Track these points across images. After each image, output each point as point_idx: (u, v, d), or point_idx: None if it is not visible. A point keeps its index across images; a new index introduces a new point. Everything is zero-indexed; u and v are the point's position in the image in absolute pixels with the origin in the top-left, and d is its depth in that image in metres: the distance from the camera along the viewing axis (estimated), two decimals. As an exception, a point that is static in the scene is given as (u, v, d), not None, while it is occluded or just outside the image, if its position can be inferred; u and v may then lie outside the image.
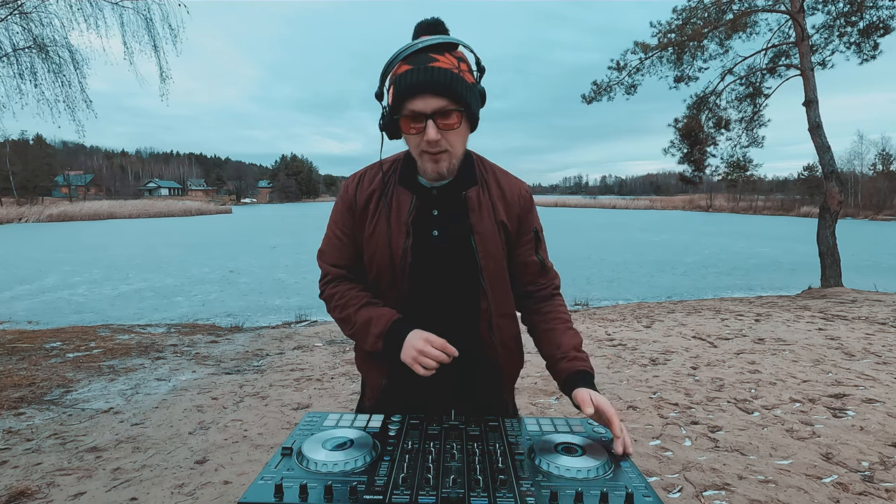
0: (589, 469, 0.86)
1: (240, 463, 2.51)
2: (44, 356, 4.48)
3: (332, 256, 1.19)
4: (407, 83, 0.96)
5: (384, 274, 1.12)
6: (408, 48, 0.98)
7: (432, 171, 1.05)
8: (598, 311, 7.38)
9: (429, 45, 0.97)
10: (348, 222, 1.16)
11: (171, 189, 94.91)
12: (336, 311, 1.16)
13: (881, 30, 9.35)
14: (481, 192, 1.12)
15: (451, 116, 0.99)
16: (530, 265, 1.18)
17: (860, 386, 3.44)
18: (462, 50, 1.03)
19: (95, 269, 13.11)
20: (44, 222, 36.40)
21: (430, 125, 0.98)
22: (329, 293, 1.18)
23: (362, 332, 1.11)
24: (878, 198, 47.19)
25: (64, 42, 6.79)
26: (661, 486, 2.23)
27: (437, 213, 1.11)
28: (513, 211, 1.15)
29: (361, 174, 1.18)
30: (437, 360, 1.03)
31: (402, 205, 1.11)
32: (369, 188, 1.14)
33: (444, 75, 0.96)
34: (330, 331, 5.96)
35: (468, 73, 1.01)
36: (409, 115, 0.99)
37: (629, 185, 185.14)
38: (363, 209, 1.13)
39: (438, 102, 0.97)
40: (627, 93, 10.99)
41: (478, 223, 1.10)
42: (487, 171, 1.16)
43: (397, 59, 0.98)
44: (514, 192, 1.16)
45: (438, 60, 0.97)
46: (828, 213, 9.14)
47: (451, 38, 1.00)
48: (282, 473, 0.84)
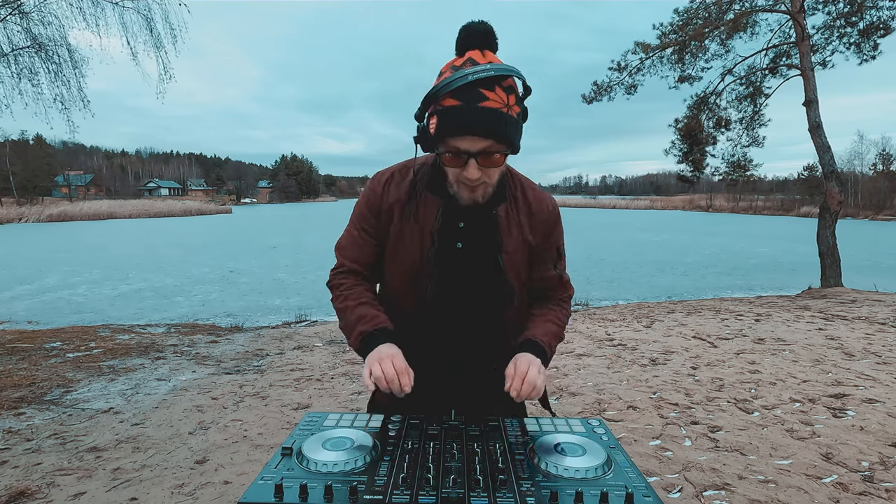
0: (589, 469, 0.86)
1: (240, 463, 2.51)
2: (44, 356, 4.48)
3: (349, 252, 1.18)
4: (454, 121, 0.93)
5: (406, 278, 1.12)
6: (457, 79, 0.91)
7: (468, 198, 1.04)
8: (598, 311, 7.38)
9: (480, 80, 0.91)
10: (371, 223, 1.14)
11: (171, 189, 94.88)
12: (338, 300, 1.17)
13: (881, 30, 9.36)
14: (510, 209, 1.11)
15: (495, 156, 0.97)
16: (550, 280, 1.19)
17: (860, 386, 3.44)
18: (513, 78, 0.97)
19: (95, 269, 13.11)
20: (44, 222, 36.40)
21: (472, 164, 0.96)
22: (337, 282, 1.18)
23: (351, 326, 1.11)
24: (878, 198, 47.19)
25: (63, 41, 6.79)
26: (661, 486, 2.23)
27: (463, 225, 1.09)
28: (539, 228, 1.14)
29: (389, 177, 1.15)
30: (387, 380, 0.99)
31: (428, 211, 1.09)
32: (398, 190, 1.12)
33: (493, 117, 0.92)
34: (330, 331, 5.96)
35: (515, 106, 0.96)
36: (452, 150, 0.96)
37: (629, 185, 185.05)
38: (388, 212, 1.12)
39: (484, 144, 0.94)
40: (628, 93, 10.99)
41: (507, 242, 1.10)
42: (516, 186, 1.15)
43: (445, 88, 0.92)
44: (542, 208, 1.15)
45: (489, 99, 0.92)
46: (828, 213, 9.14)
47: (501, 68, 0.93)
48: (282, 473, 0.84)
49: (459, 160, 0.97)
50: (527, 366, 1.01)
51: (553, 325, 1.15)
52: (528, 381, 0.99)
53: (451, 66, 0.97)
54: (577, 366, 4.15)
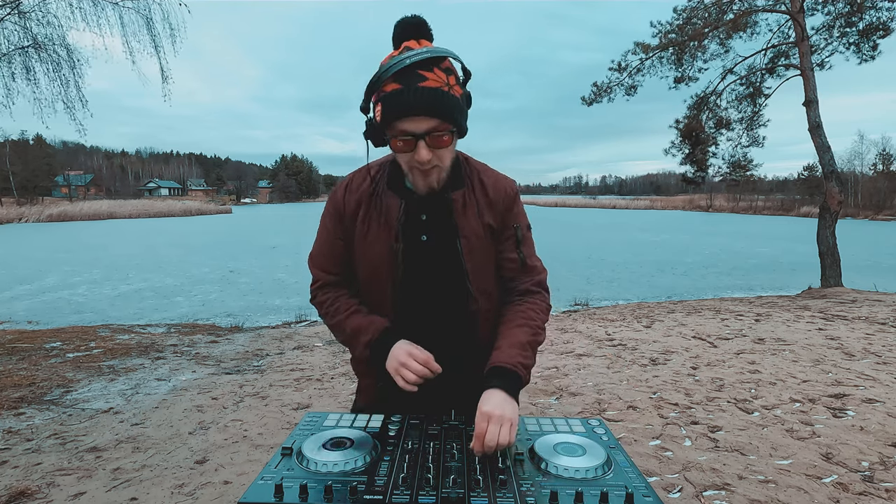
0: (589, 469, 0.86)
1: (240, 463, 2.51)
2: (44, 356, 4.48)
3: (322, 261, 1.19)
4: (396, 104, 0.95)
5: (376, 278, 1.13)
6: (394, 64, 0.95)
7: (423, 185, 1.06)
8: (598, 311, 7.38)
9: (417, 62, 0.95)
10: (338, 228, 1.16)
11: (171, 189, 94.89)
12: (327, 317, 1.18)
13: (881, 31, 9.36)
14: (467, 194, 1.12)
15: (442, 136, 0.99)
16: (510, 261, 1.16)
17: (860, 386, 3.44)
18: (449, 60, 1.01)
19: (95, 269, 13.11)
20: (44, 222, 36.40)
21: (421, 146, 0.98)
22: (320, 299, 1.19)
23: (352, 340, 1.13)
24: (878, 198, 47.17)
25: (61, 41, 6.79)
26: (661, 486, 2.23)
27: (425, 217, 1.11)
28: (497, 209, 1.14)
29: (349, 179, 1.17)
30: (419, 375, 1.03)
31: (391, 210, 1.10)
32: (357, 193, 1.14)
33: (435, 96, 0.95)
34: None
35: (457, 86, 0.99)
36: (399, 134, 0.98)
37: (629, 185, 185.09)
38: (353, 214, 1.13)
39: (429, 123, 0.96)
40: (627, 94, 10.99)
41: (463, 225, 1.10)
42: (473, 172, 1.16)
43: (384, 75, 0.96)
44: (498, 190, 1.15)
45: (428, 79, 0.95)
46: (828, 213, 9.14)
47: (437, 50, 0.97)
48: (282, 473, 0.84)
49: (409, 144, 0.99)
50: (485, 424, 0.91)
51: (524, 331, 1.08)
52: (486, 444, 0.90)
53: (389, 57, 1.00)
54: (577, 366, 4.15)
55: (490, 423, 0.92)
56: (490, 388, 0.99)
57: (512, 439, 0.92)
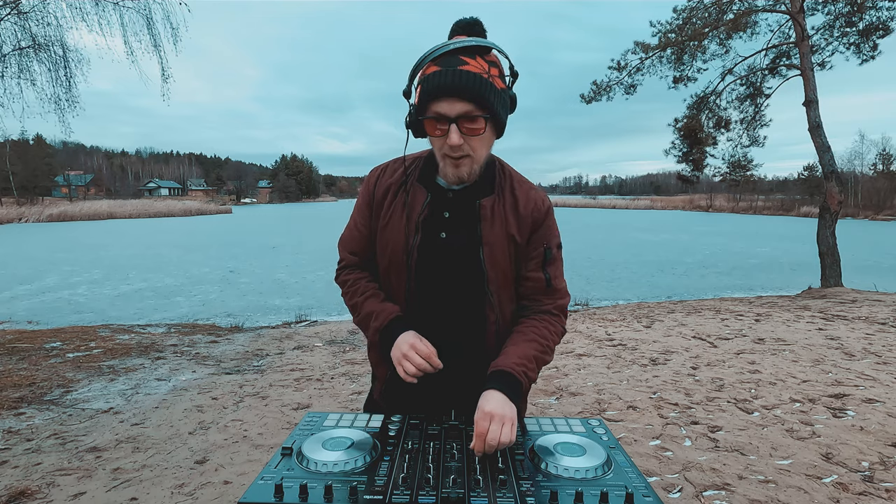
0: (589, 469, 0.86)
1: (240, 463, 2.51)
2: (44, 356, 4.48)
3: (349, 244, 1.22)
4: (434, 84, 0.95)
5: (393, 267, 1.14)
6: (438, 48, 0.96)
7: (453, 175, 1.05)
8: (598, 311, 7.38)
9: (460, 48, 0.96)
10: (366, 213, 1.18)
11: (171, 189, 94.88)
12: (347, 297, 1.21)
13: (881, 30, 9.36)
14: (496, 202, 1.10)
15: (476, 122, 0.98)
16: (534, 280, 1.13)
17: (860, 386, 3.44)
18: (495, 54, 1.01)
19: (95, 269, 13.11)
20: (44, 222, 36.38)
21: (453, 129, 0.97)
22: (343, 279, 1.22)
23: (365, 323, 1.16)
24: (878, 198, 47.18)
25: (60, 41, 6.78)
26: (661, 486, 2.23)
27: (448, 215, 1.10)
28: (525, 224, 1.11)
29: (384, 167, 1.19)
30: (420, 368, 1.03)
31: (416, 202, 1.11)
32: (388, 181, 1.15)
33: (472, 79, 0.94)
34: (330, 331, 5.96)
35: (498, 79, 0.99)
36: (433, 116, 0.98)
37: (629, 185, 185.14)
38: (380, 201, 1.15)
39: (464, 107, 0.96)
40: (627, 92, 10.99)
41: (488, 234, 1.09)
42: (506, 180, 1.14)
43: (427, 58, 0.97)
44: (528, 205, 1.12)
45: (468, 64, 0.95)
46: (828, 213, 9.14)
47: (484, 41, 0.97)
48: (282, 473, 0.84)
49: (442, 126, 0.99)
50: (486, 423, 0.92)
51: (534, 346, 1.07)
52: (487, 443, 0.90)
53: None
54: (577, 366, 4.15)
55: (492, 423, 0.92)
56: (490, 390, 0.99)
57: (513, 438, 0.92)
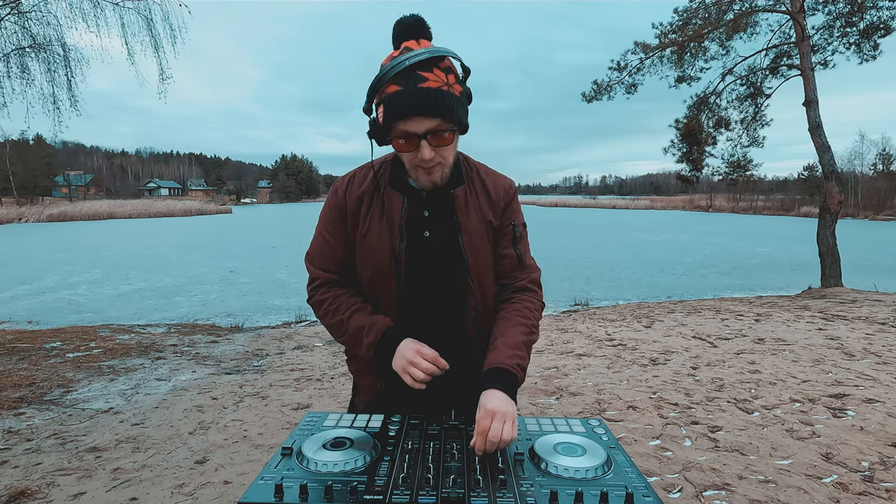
0: (589, 469, 0.86)
1: (240, 463, 2.51)
2: (44, 356, 4.48)
3: (321, 260, 1.18)
4: (398, 105, 0.96)
5: (378, 275, 1.13)
6: (394, 66, 0.96)
7: (426, 181, 1.07)
8: (598, 311, 7.38)
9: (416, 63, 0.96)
10: (338, 225, 1.15)
11: (171, 189, 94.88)
12: (327, 316, 1.16)
13: (881, 30, 9.35)
14: (468, 192, 1.14)
15: (445, 135, 1.00)
16: (507, 257, 1.18)
17: (860, 386, 3.44)
18: (448, 59, 1.02)
19: (95, 269, 13.10)
20: (44, 222, 36.38)
21: (424, 145, 0.99)
22: (319, 298, 1.17)
23: (354, 339, 1.12)
24: (878, 198, 47.17)
25: (60, 41, 6.78)
26: (661, 486, 2.23)
27: (427, 213, 1.12)
28: (497, 207, 1.16)
29: (351, 176, 1.18)
30: (428, 373, 1.04)
31: (393, 207, 1.11)
32: (359, 190, 1.14)
33: (435, 96, 0.95)
34: (330, 331, 5.95)
35: (456, 85, 1.00)
36: (401, 135, 0.99)
37: (629, 185, 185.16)
38: (354, 211, 1.14)
39: (431, 123, 0.98)
40: (628, 92, 10.99)
41: (465, 222, 1.12)
42: (472, 170, 1.18)
43: (385, 77, 0.97)
44: (498, 188, 1.17)
45: (427, 80, 0.96)
46: (828, 213, 9.14)
47: (436, 50, 0.98)
48: (282, 473, 0.84)
49: (411, 143, 1.00)
50: (489, 420, 0.93)
51: (520, 330, 1.10)
52: (489, 440, 0.91)
53: (389, 57, 1.01)
54: (577, 366, 4.15)
55: (494, 420, 0.93)
56: (489, 388, 1.00)
57: (514, 435, 0.93)
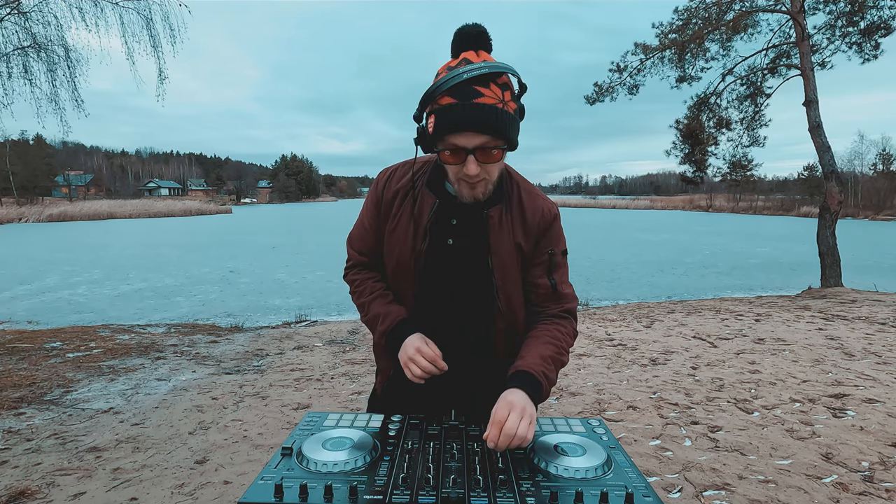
0: (589, 469, 0.86)
1: (240, 463, 2.51)
2: (44, 356, 4.48)
3: (357, 243, 1.24)
4: (451, 119, 0.94)
5: (400, 270, 1.15)
6: (452, 78, 0.93)
7: (468, 195, 1.05)
8: (598, 311, 7.38)
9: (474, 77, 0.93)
10: (374, 213, 1.19)
11: (171, 189, 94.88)
12: (354, 296, 1.23)
13: (882, 30, 9.35)
14: (503, 212, 1.11)
15: (494, 152, 0.98)
16: (541, 287, 1.14)
17: (860, 386, 3.44)
18: (507, 75, 0.99)
19: (95, 269, 13.10)
20: (44, 222, 36.37)
21: (470, 160, 0.97)
22: (351, 278, 1.25)
23: (372, 325, 1.19)
24: (878, 198, 47.18)
25: (60, 41, 6.78)
26: (661, 486, 2.23)
27: (455, 222, 1.11)
28: (531, 233, 1.13)
29: (393, 170, 1.20)
30: (425, 370, 1.05)
31: (424, 207, 1.11)
32: (397, 185, 1.16)
33: (490, 113, 0.93)
34: (330, 331, 5.96)
35: (511, 102, 0.98)
36: (450, 147, 0.98)
37: (629, 185, 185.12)
38: (388, 205, 1.16)
39: (481, 139, 0.96)
40: (630, 93, 10.98)
41: (496, 244, 1.09)
42: (513, 188, 1.14)
43: (441, 88, 0.94)
44: (535, 214, 1.13)
45: (484, 95, 0.94)
46: (828, 213, 9.14)
47: (496, 65, 0.95)
48: (282, 473, 0.84)
49: (459, 157, 0.99)
50: (507, 411, 0.90)
51: (550, 347, 1.07)
52: (505, 431, 0.88)
53: (447, 67, 0.99)
54: (577, 366, 4.15)
55: (511, 412, 0.90)
56: (512, 388, 0.97)
57: (530, 436, 0.90)
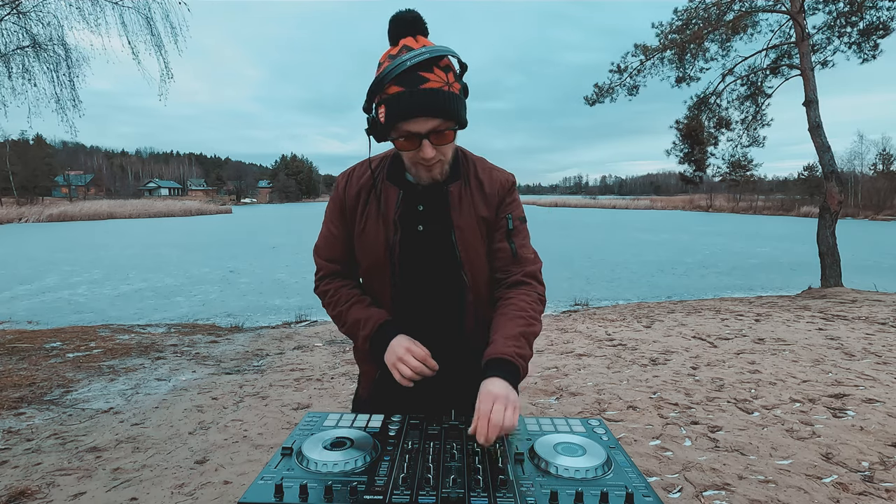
0: (589, 469, 0.86)
1: (240, 463, 2.51)
2: (44, 356, 4.48)
3: (326, 251, 1.22)
4: (401, 107, 0.97)
5: (375, 269, 1.15)
6: (395, 67, 0.96)
7: (426, 177, 1.09)
8: (598, 311, 7.38)
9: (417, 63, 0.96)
10: (339, 219, 1.19)
11: (171, 189, 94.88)
12: (329, 307, 1.21)
13: (881, 30, 9.35)
14: (462, 187, 1.14)
15: (446, 134, 1.01)
16: (501, 251, 1.16)
17: (860, 386, 3.44)
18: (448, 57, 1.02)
19: (95, 269, 13.10)
20: (44, 222, 36.37)
21: (426, 144, 1.00)
22: (323, 289, 1.22)
23: (352, 332, 1.16)
24: (878, 198, 47.15)
25: (60, 41, 6.77)
26: (661, 486, 2.23)
27: (422, 208, 1.13)
28: (491, 202, 1.16)
29: (350, 171, 1.21)
30: (416, 371, 1.05)
31: (389, 200, 1.13)
32: (358, 185, 1.17)
33: (437, 97, 0.97)
34: (330, 331, 5.96)
35: (455, 83, 1.01)
36: (403, 135, 1.01)
37: (629, 185, 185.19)
38: (353, 206, 1.17)
39: (433, 123, 0.99)
40: (630, 93, 10.98)
41: (458, 218, 1.12)
42: (469, 165, 1.18)
43: (387, 77, 0.97)
44: (493, 184, 1.17)
45: (429, 80, 0.97)
46: (828, 213, 9.14)
47: (436, 49, 0.98)
48: (282, 473, 0.84)
49: (413, 142, 1.01)
50: (491, 403, 0.92)
51: (518, 322, 1.06)
52: (492, 423, 0.90)
53: (387, 55, 1.01)
54: (577, 366, 4.15)
55: (495, 403, 0.92)
56: (489, 377, 0.98)
57: (515, 422, 0.92)
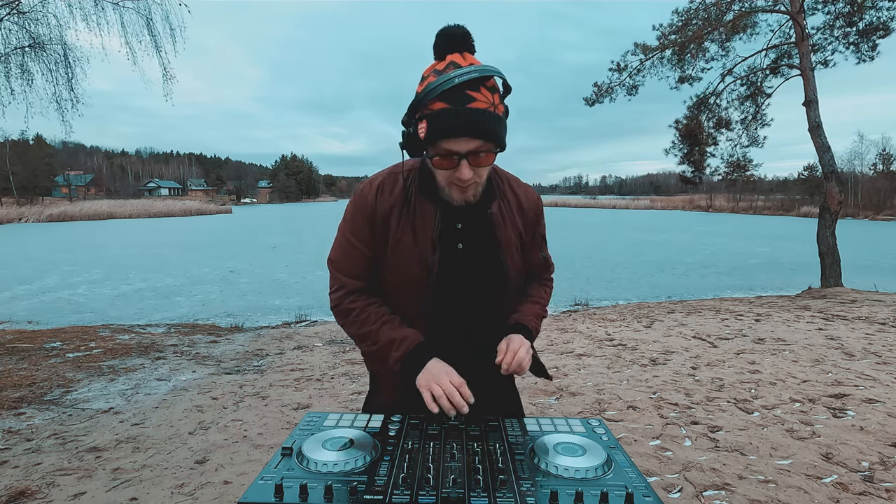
0: (589, 469, 0.86)
1: (240, 463, 2.51)
2: (44, 356, 4.48)
3: (348, 266, 1.14)
4: (444, 124, 0.94)
5: (408, 287, 1.11)
6: (442, 83, 0.93)
7: (459, 198, 1.06)
8: (598, 311, 7.38)
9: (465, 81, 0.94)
10: (366, 232, 1.11)
11: (171, 189, 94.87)
12: (354, 325, 1.13)
13: (880, 31, 9.35)
14: (502, 205, 1.15)
15: (486, 156, 0.99)
16: (536, 263, 1.28)
17: (860, 386, 3.44)
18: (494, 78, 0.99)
19: (95, 269, 13.10)
20: (44, 222, 36.36)
21: (464, 165, 0.98)
22: (347, 307, 1.13)
23: (383, 352, 1.10)
24: (878, 198, 47.15)
25: (59, 41, 6.77)
26: (661, 486, 2.23)
27: (461, 226, 1.11)
28: (528, 219, 1.21)
29: (380, 182, 1.12)
30: (449, 396, 1.00)
31: (426, 217, 1.09)
32: (391, 196, 1.10)
33: (482, 118, 0.94)
34: (330, 331, 5.96)
35: (500, 105, 0.99)
36: (443, 153, 0.98)
37: (629, 185, 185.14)
38: (385, 219, 1.10)
39: (474, 144, 0.97)
40: (629, 93, 10.98)
41: (504, 238, 1.13)
42: (503, 181, 1.19)
43: (432, 93, 0.94)
44: (529, 201, 1.21)
45: (476, 100, 0.94)
46: (828, 213, 9.14)
47: (485, 69, 0.96)
48: (282, 473, 0.84)
49: (451, 162, 0.99)
50: (518, 345, 1.09)
51: (538, 306, 1.25)
52: (517, 359, 1.07)
53: (433, 70, 0.98)
54: (577, 366, 4.15)
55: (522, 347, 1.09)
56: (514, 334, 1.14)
57: (528, 364, 1.10)
